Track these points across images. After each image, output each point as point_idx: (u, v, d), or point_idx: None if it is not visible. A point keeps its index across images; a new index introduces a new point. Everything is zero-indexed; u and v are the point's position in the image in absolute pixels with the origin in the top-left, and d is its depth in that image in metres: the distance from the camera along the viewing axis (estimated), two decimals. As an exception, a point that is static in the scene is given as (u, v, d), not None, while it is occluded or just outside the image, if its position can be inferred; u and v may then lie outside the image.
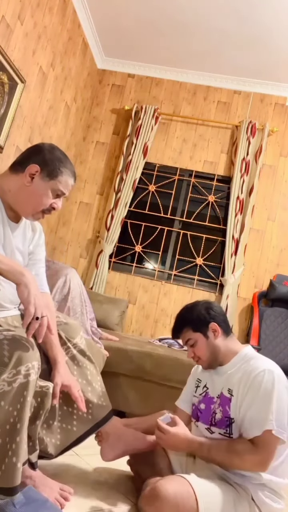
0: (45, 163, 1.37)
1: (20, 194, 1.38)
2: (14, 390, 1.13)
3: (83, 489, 1.48)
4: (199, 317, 1.54)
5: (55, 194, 1.40)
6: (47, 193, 1.38)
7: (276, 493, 1.36)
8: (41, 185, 1.37)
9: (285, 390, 1.35)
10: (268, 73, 3.82)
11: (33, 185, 1.37)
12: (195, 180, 4.01)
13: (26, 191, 1.38)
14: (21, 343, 1.17)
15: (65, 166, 1.40)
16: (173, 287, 3.82)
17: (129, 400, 2.46)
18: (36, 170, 1.37)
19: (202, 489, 1.28)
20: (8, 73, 2.68)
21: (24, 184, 1.37)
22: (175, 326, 1.59)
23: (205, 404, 1.53)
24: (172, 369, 2.48)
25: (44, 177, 1.37)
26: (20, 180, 1.38)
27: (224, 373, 1.50)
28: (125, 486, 1.61)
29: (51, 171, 1.38)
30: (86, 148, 4.17)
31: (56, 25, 3.20)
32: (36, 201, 1.39)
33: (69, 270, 2.61)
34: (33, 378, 1.16)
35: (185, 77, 4.09)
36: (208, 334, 1.52)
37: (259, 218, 3.82)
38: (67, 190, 1.43)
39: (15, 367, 1.13)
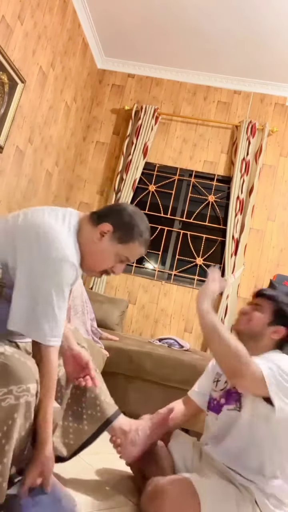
0: (120, 226, 1.31)
1: (86, 247, 1.31)
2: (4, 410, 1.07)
3: (83, 489, 1.48)
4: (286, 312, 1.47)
5: (119, 259, 1.34)
6: (111, 256, 1.33)
7: (281, 502, 1.34)
8: (108, 246, 1.31)
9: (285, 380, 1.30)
10: (268, 73, 3.82)
11: (101, 243, 1.31)
12: (195, 180, 4.01)
13: (92, 247, 1.31)
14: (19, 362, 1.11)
15: (139, 234, 1.33)
16: (173, 287, 3.82)
17: (129, 400, 2.46)
18: (108, 229, 1.31)
19: (205, 489, 1.27)
20: (8, 73, 2.68)
21: (93, 239, 1.31)
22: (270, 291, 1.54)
23: (225, 399, 1.51)
24: (172, 369, 2.48)
25: (114, 239, 1.31)
26: (92, 233, 1.31)
27: None
28: (126, 487, 1.60)
29: (123, 236, 1.32)
30: (86, 148, 4.17)
31: (56, 25, 3.20)
32: (98, 260, 1.33)
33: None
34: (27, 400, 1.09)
35: (185, 77, 4.09)
36: (272, 325, 1.46)
37: (259, 218, 3.82)
38: (133, 259, 1.37)
39: (6, 385, 1.07)
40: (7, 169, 2.87)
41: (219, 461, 1.45)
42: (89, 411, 1.46)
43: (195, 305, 1.46)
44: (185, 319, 3.74)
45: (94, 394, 1.48)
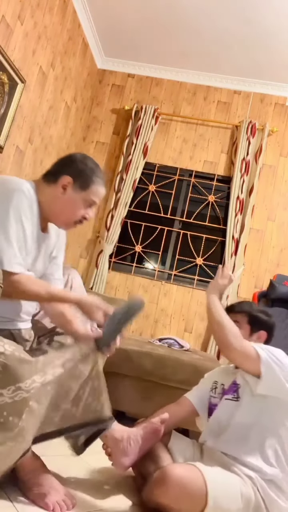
0: (78, 174, 1.41)
1: (53, 205, 1.42)
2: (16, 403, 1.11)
3: (83, 489, 1.48)
4: (261, 318, 1.67)
5: (87, 204, 1.44)
6: (80, 204, 1.43)
7: (282, 490, 1.37)
8: (73, 196, 1.42)
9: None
10: (268, 73, 3.82)
11: (66, 196, 1.41)
12: (195, 180, 4.01)
13: (60, 202, 1.42)
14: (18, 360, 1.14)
15: (97, 176, 1.44)
16: (173, 287, 3.82)
17: (129, 400, 2.46)
18: (69, 181, 1.40)
19: (210, 473, 1.31)
20: (8, 73, 2.68)
21: (57, 195, 1.41)
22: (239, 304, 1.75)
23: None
24: (172, 369, 2.48)
25: (76, 188, 1.41)
26: (53, 191, 1.42)
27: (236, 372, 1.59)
28: (126, 486, 1.60)
29: (84, 182, 1.42)
30: (86, 148, 4.17)
31: (56, 25, 3.20)
32: (69, 212, 1.43)
33: (71, 271, 2.61)
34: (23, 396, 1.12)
35: (185, 77, 4.09)
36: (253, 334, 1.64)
37: (259, 218, 3.82)
38: (99, 200, 1.47)
39: (4, 387, 1.11)
40: (7, 169, 2.87)
41: (220, 452, 1.47)
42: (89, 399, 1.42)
43: (206, 296, 1.67)
44: (185, 319, 3.74)
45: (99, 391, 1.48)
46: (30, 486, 1.29)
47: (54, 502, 1.29)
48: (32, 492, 1.30)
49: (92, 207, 1.47)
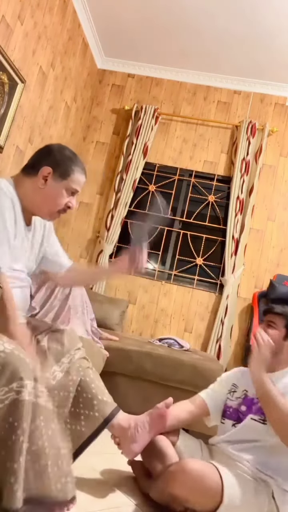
0: (57, 164, 1.42)
1: (35, 197, 1.43)
2: (6, 407, 1.10)
3: (84, 489, 1.48)
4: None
5: (69, 192, 1.46)
6: (62, 193, 1.44)
7: None
8: (55, 186, 1.42)
9: None
10: (268, 73, 3.82)
11: (47, 187, 1.42)
12: (195, 180, 4.01)
13: (41, 194, 1.43)
14: (18, 359, 1.15)
15: (76, 165, 1.45)
16: (173, 287, 3.82)
17: (129, 400, 2.46)
18: (49, 172, 1.41)
19: (226, 472, 1.31)
20: (8, 73, 2.68)
21: (39, 186, 1.42)
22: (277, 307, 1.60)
23: (246, 406, 1.54)
24: (172, 369, 2.48)
25: (57, 178, 1.42)
26: (34, 183, 1.42)
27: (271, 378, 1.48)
28: (126, 487, 1.60)
29: (63, 172, 1.42)
30: (86, 148, 4.17)
31: (56, 25, 3.20)
32: (52, 203, 1.44)
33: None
34: (27, 398, 1.12)
35: (185, 77, 4.09)
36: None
37: (259, 218, 3.82)
38: (80, 187, 1.48)
39: (7, 384, 1.11)
40: (7, 169, 2.87)
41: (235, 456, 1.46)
42: (86, 411, 1.45)
43: (251, 374, 1.50)
44: (185, 319, 3.74)
45: (91, 394, 1.48)
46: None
47: (54, 502, 1.29)
48: None
49: (74, 195, 1.48)
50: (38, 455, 1.15)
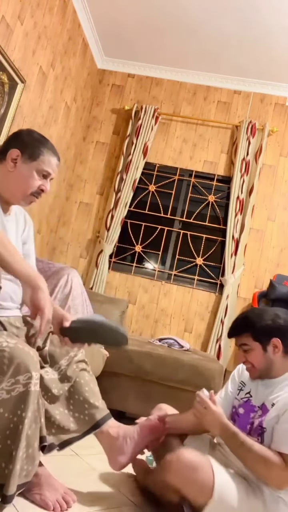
0: (25, 146, 1.40)
1: (7, 181, 1.41)
2: (14, 398, 1.15)
3: (83, 489, 1.48)
4: (264, 327, 1.44)
5: (41, 174, 1.42)
6: (33, 174, 1.41)
7: None
8: (24, 168, 1.40)
9: None
10: (268, 73, 3.82)
11: (17, 170, 1.40)
12: (195, 180, 4.01)
13: (12, 177, 1.40)
14: (23, 352, 1.18)
15: (45, 146, 1.43)
16: (173, 287, 3.82)
17: (129, 400, 2.46)
18: (17, 154, 1.40)
19: (219, 469, 1.30)
20: (8, 73, 2.68)
21: (8, 170, 1.40)
22: (235, 326, 1.51)
23: (244, 409, 1.49)
24: (172, 369, 2.48)
25: (26, 160, 1.40)
26: (4, 167, 1.41)
27: (272, 386, 1.45)
28: (126, 486, 1.60)
29: (32, 153, 1.40)
30: (86, 148, 4.17)
31: (56, 25, 3.20)
32: (24, 185, 1.41)
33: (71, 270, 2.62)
34: (34, 389, 1.17)
35: (185, 77, 4.09)
36: (267, 348, 1.43)
37: (259, 218, 3.82)
38: (52, 170, 1.45)
39: (13, 376, 1.15)
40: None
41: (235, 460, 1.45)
42: (76, 414, 1.44)
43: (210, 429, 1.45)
44: (185, 319, 3.74)
45: (83, 397, 1.46)
46: (30, 487, 1.29)
47: (54, 502, 1.29)
48: (32, 493, 1.30)
49: (47, 179, 1.45)
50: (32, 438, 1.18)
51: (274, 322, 1.45)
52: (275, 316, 1.47)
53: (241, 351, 1.49)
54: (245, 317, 1.51)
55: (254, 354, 1.45)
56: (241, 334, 1.48)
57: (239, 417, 1.50)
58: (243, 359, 1.49)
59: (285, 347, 1.44)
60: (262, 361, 1.44)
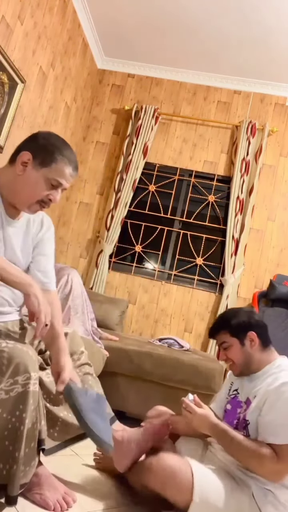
0: (38, 150, 1.28)
1: (14, 185, 1.30)
2: (12, 399, 1.15)
3: (83, 488, 1.48)
4: (240, 323, 1.53)
5: (49, 184, 1.29)
6: (40, 182, 1.28)
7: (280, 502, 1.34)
8: (33, 174, 1.28)
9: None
10: (268, 73, 3.82)
11: (26, 174, 1.28)
12: (195, 180, 4.01)
13: (19, 181, 1.29)
14: (22, 353, 1.18)
15: (61, 154, 1.29)
16: (173, 287, 3.82)
17: (129, 400, 2.46)
18: (28, 158, 1.28)
19: (199, 468, 1.32)
20: (8, 73, 2.68)
21: (17, 173, 1.29)
22: (214, 325, 1.59)
23: (232, 405, 1.54)
24: (172, 369, 2.48)
25: (36, 165, 1.28)
26: (14, 170, 1.30)
27: (254, 380, 1.50)
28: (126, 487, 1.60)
29: (44, 159, 1.28)
30: (86, 148, 4.17)
31: (56, 25, 3.20)
32: (29, 192, 1.29)
33: (71, 270, 2.62)
34: (33, 389, 1.17)
35: (185, 77, 4.09)
36: (244, 342, 1.51)
37: (259, 218, 3.82)
38: (65, 180, 1.31)
39: (12, 376, 1.15)
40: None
41: (222, 456, 1.46)
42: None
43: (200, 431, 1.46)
44: (185, 319, 3.74)
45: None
46: (30, 487, 1.29)
47: (54, 501, 1.29)
48: (32, 492, 1.30)
49: (58, 189, 1.32)
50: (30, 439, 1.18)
51: (249, 318, 1.55)
52: (249, 313, 1.58)
53: (222, 350, 1.57)
54: (221, 317, 1.61)
55: (233, 350, 1.52)
56: (219, 332, 1.56)
57: (226, 413, 1.55)
58: (224, 357, 1.56)
59: (262, 340, 1.52)
60: (241, 356, 1.51)
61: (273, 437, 1.30)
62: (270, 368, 1.48)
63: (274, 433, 1.30)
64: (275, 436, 1.30)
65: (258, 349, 1.51)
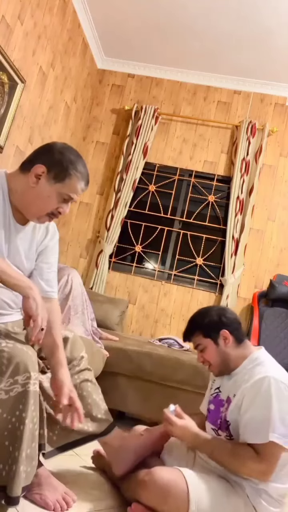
0: (53, 164, 1.30)
1: (25, 195, 1.31)
2: (12, 399, 1.15)
3: (83, 489, 1.48)
4: (211, 323, 1.51)
5: (62, 198, 1.32)
6: (52, 196, 1.30)
7: (274, 498, 1.35)
8: (46, 188, 1.29)
9: (286, 397, 1.31)
10: (268, 73, 3.82)
11: (39, 187, 1.29)
12: (195, 180, 4.00)
13: (31, 193, 1.30)
14: (22, 352, 1.18)
15: (75, 169, 1.32)
16: (173, 287, 3.82)
17: (129, 400, 2.46)
18: (43, 171, 1.29)
19: (193, 477, 1.31)
20: (8, 73, 2.68)
21: (30, 185, 1.30)
22: (186, 329, 1.57)
23: (214, 405, 1.53)
24: (172, 369, 2.48)
25: (50, 179, 1.29)
26: (26, 180, 1.31)
27: (233, 376, 1.49)
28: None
29: (58, 174, 1.30)
30: (86, 148, 4.17)
31: (56, 25, 3.20)
32: (41, 204, 1.31)
33: (71, 270, 2.62)
34: (33, 389, 1.17)
35: (185, 77, 4.09)
36: (218, 341, 1.49)
37: (259, 218, 3.82)
38: (76, 195, 1.34)
39: (12, 376, 1.15)
40: (7, 169, 2.86)
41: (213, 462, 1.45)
42: (79, 425, 1.41)
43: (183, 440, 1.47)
44: (185, 319, 3.72)
45: (86, 410, 1.44)
46: (30, 487, 1.29)
47: (54, 501, 1.29)
48: (32, 492, 1.30)
49: (68, 202, 1.34)
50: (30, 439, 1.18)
51: (219, 316, 1.52)
52: (219, 311, 1.55)
53: (198, 353, 1.55)
54: (192, 319, 1.58)
55: (208, 351, 1.51)
56: (193, 334, 1.54)
57: (210, 413, 1.54)
58: (201, 359, 1.54)
59: (235, 337, 1.50)
60: (217, 356, 1.50)
61: (253, 436, 1.30)
62: (246, 363, 1.47)
63: (253, 432, 1.30)
64: (255, 435, 1.29)
65: (233, 346, 1.49)
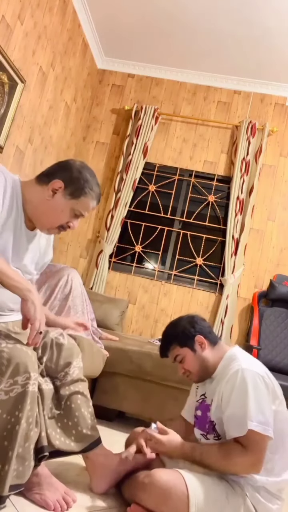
0: (71, 182, 1.36)
1: (39, 207, 1.38)
2: (12, 399, 1.15)
3: (83, 489, 1.48)
4: (185, 332, 1.52)
5: (73, 213, 1.39)
6: (66, 211, 1.37)
7: (272, 494, 1.35)
8: (61, 202, 1.36)
9: (261, 386, 1.33)
10: (268, 73, 3.82)
11: (54, 200, 1.36)
12: (195, 180, 4.00)
13: (46, 205, 1.37)
14: (22, 353, 1.19)
15: (90, 188, 1.38)
16: (173, 287, 3.82)
17: (129, 400, 2.46)
18: (60, 186, 1.36)
19: (193, 479, 1.31)
20: (8, 73, 2.68)
21: (45, 197, 1.36)
22: (162, 345, 1.57)
23: (201, 411, 1.53)
24: (172, 369, 2.48)
25: (66, 195, 1.36)
26: (42, 192, 1.37)
27: (214, 379, 1.50)
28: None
29: (75, 191, 1.36)
30: (86, 148, 4.17)
31: (56, 25, 3.20)
32: (53, 217, 1.38)
33: (71, 270, 2.62)
34: (31, 390, 1.18)
35: (185, 77, 4.09)
36: (195, 348, 1.50)
37: (259, 218, 3.82)
38: (87, 212, 1.42)
39: (12, 377, 1.15)
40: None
41: None
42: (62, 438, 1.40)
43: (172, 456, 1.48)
44: (185, 319, 3.73)
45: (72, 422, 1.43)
46: (30, 486, 1.29)
47: (54, 501, 1.29)
48: (32, 492, 1.30)
49: (77, 217, 1.42)
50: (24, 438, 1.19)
51: (191, 324, 1.54)
52: (189, 319, 1.56)
53: (178, 364, 1.56)
54: (166, 333, 1.57)
55: (187, 360, 1.52)
56: (169, 347, 1.55)
57: (197, 419, 1.54)
58: (182, 370, 1.55)
59: (209, 340, 1.52)
60: (195, 363, 1.51)
61: (236, 430, 1.30)
62: (223, 362, 1.48)
63: (235, 426, 1.31)
64: (238, 428, 1.30)
65: (209, 349, 1.51)
